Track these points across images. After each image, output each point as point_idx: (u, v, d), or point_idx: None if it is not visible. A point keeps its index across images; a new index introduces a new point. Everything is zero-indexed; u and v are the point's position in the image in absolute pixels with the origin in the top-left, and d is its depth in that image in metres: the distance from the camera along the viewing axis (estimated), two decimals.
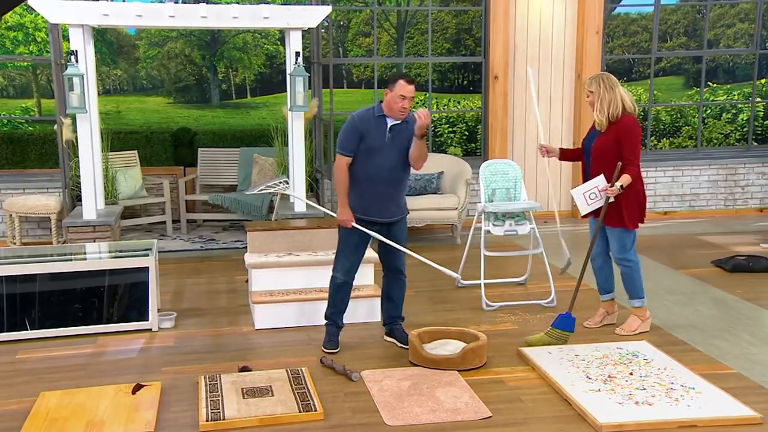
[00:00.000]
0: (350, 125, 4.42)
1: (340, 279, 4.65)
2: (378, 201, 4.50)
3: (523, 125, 8.70)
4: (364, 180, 4.46)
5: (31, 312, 4.93)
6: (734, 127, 11.74)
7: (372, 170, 4.43)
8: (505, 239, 7.06)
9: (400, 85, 4.31)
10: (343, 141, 4.42)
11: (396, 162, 4.46)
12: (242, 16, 6.76)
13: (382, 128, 4.41)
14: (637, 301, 4.93)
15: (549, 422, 3.70)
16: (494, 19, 8.36)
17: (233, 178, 8.57)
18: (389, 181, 4.48)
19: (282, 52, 13.20)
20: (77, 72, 6.52)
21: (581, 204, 4.79)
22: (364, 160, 4.43)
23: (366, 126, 4.39)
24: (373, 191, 4.48)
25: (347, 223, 4.48)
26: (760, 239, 7.64)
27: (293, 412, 3.75)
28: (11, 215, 7.40)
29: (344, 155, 4.42)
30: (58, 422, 3.68)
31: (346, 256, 4.62)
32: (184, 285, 6.24)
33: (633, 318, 4.95)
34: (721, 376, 4.21)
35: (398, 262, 4.71)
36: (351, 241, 4.58)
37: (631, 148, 4.63)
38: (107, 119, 12.24)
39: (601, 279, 5.08)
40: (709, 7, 9.46)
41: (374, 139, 4.39)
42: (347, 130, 4.42)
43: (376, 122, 4.41)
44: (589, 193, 4.76)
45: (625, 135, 4.63)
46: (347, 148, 4.41)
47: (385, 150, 4.42)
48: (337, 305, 4.71)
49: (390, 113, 4.40)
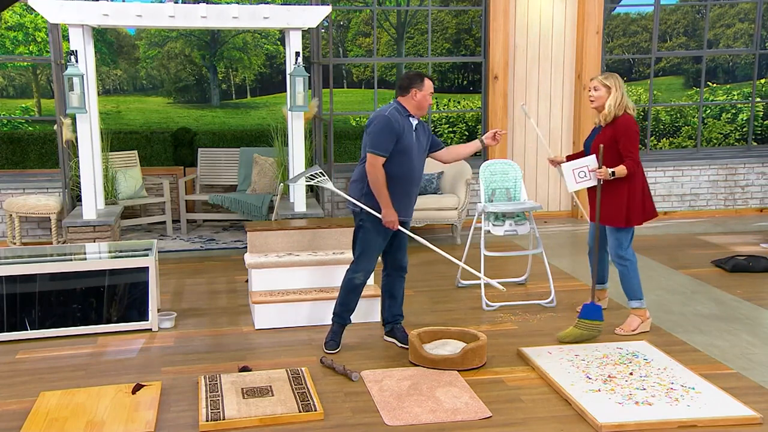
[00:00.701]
0: (387, 125, 4.37)
1: (361, 280, 4.63)
2: (406, 200, 4.57)
3: (523, 125, 8.70)
4: (397, 180, 4.46)
5: (31, 312, 4.93)
6: (734, 127, 11.75)
7: (404, 170, 4.46)
8: (505, 239, 7.07)
9: (428, 84, 4.45)
10: (382, 141, 4.35)
11: (421, 161, 4.57)
12: (242, 16, 6.76)
13: (409, 128, 4.47)
14: (635, 302, 4.93)
15: (549, 422, 3.70)
16: (494, 18, 8.36)
17: (233, 178, 8.57)
18: (416, 180, 4.57)
19: (282, 52, 13.20)
20: (77, 72, 6.53)
21: (569, 180, 4.83)
22: (398, 160, 4.42)
23: (400, 126, 4.41)
24: (404, 191, 4.52)
25: (395, 224, 4.44)
26: (760, 239, 7.65)
27: (293, 412, 3.75)
28: (11, 215, 7.40)
29: (381, 155, 4.38)
30: (58, 422, 3.68)
31: (371, 258, 4.60)
32: (184, 285, 6.24)
33: (632, 318, 4.95)
34: (721, 376, 4.21)
35: (405, 260, 4.76)
36: (378, 242, 4.56)
37: (629, 144, 4.71)
38: (107, 119, 12.25)
39: (598, 270, 5.12)
40: (709, 7, 9.46)
41: (407, 139, 4.44)
42: (385, 131, 4.36)
43: (404, 122, 4.45)
44: (579, 170, 4.81)
45: (623, 132, 4.72)
46: (385, 148, 4.36)
47: (414, 150, 4.49)
48: (350, 305, 4.72)
49: (419, 111, 4.49)
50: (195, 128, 12.11)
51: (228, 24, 6.89)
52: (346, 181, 8.26)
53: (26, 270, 4.95)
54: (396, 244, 4.67)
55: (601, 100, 4.79)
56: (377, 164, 4.37)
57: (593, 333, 4.74)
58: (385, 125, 4.36)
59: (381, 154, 4.35)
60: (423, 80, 4.42)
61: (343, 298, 4.69)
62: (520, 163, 8.50)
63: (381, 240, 4.55)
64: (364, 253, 4.58)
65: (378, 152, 4.35)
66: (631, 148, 4.70)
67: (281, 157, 7.96)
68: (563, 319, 5.22)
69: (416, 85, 4.41)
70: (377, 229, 4.49)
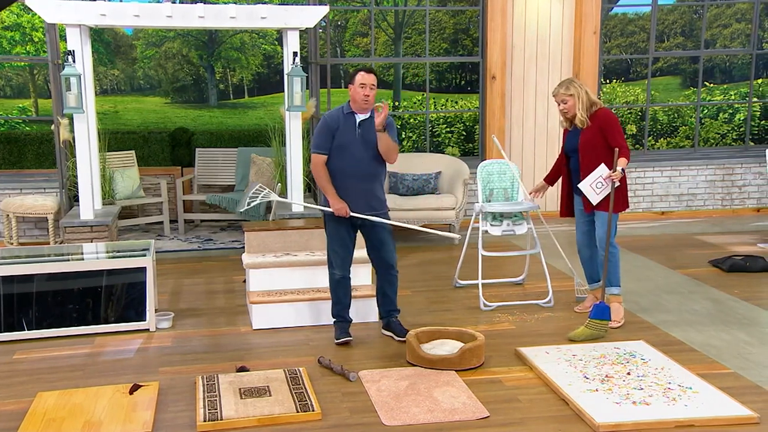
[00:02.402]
0: (321, 125, 4.65)
1: (338, 274, 4.77)
2: (358, 196, 4.67)
3: (521, 125, 8.71)
4: (341, 176, 4.64)
5: (28, 312, 4.92)
6: (731, 127, 11.76)
7: (347, 166, 4.62)
8: (502, 239, 7.07)
9: (359, 76, 4.54)
10: (317, 140, 4.64)
11: (368, 156, 4.64)
12: (240, 16, 6.76)
13: (351, 124, 4.61)
14: (615, 288, 5.09)
15: (546, 422, 3.70)
16: (492, 18, 8.37)
17: (231, 178, 8.57)
18: (365, 176, 4.67)
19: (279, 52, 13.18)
20: (74, 72, 6.52)
21: (590, 195, 4.98)
22: (338, 156, 4.62)
23: (336, 123, 4.61)
24: (352, 187, 4.65)
25: (344, 210, 4.61)
26: (757, 239, 7.66)
27: (291, 412, 3.75)
28: (8, 215, 7.39)
29: (319, 153, 4.63)
30: (55, 422, 3.68)
31: (336, 250, 4.75)
32: (181, 285, 6.23)
33: (616, 306, 5.07)
34: (718, 375, 4.21)
35: (389, 257, 4.82)
36: (339, 234, 4.72)
37: (617, 135, 4.90)
38: (105, 119, 12.24)
39: (591, 269, 5.29)
40: (706, 7, 9.47)
41: (345, 136, 4.60)
42: (320, 130, 4.64)
43: (345, 119, 4.62)
44: (595, 183, 4.94)
45: (607, 124, 4.92)
46: (321, 146, 4.63)
47: (357, 145, 4.61)
48: (341, 300, 4.83)
49: (355, 105, 4.61)
50: (192, 128, 12.10)
51: (225, 24, 6.89)
52: None
53: (23, 270, 4.95)
54: (373, 242, 4.78)
55: (572, 109, 5.00)
56: (317, 162, 4.65)
57: (601, 332, 4.81)
58: (320, 125, 4.65)
59: (319, 152, 4.62)
60: (355, 74, 4.57)
61: (332, 296, 4.85)
62: (517, 163, 8.50)
63: (343, 232, 4.71)
64: (330, 247, 4.78)
65: (316, 150, 4.64)
66: (620, 138, 4.90)
67: (279, 157, 7.95)
68: (561, 319, 5.22)
69: (351, 81, 4.59)
70: (336, 220, 4.69)
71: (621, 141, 4.88)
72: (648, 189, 8.90)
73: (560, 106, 5.05)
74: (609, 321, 4.85)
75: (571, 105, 4.98)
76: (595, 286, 5.29)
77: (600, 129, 4.91)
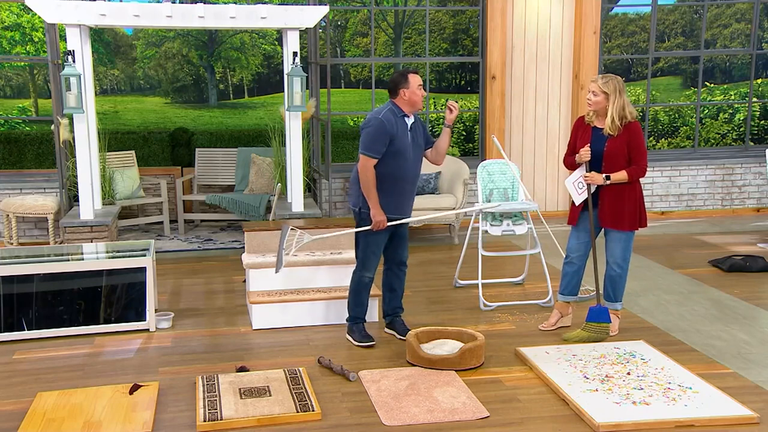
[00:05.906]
0: (380, 128, 4.44)
1: (369, 277, 4.77)
2: (404, 198, 4.65)
3: (521, 125, 8.71)
4: (393, 180, 4.55)
5: (28, 312, 4.92)
6: (731, 127, 11.76)
7: (400, 170, 4.55)
8: (502, 239, 7.07)
9: (415, 78, 4.50)
10: (374, 143, 4.44)
11: (417, 160, 4.64)
12: (240, 16, 6.76)
13: (404, 129, 4.54)
14: (619, 304, 4.94)
15: (546, 422, 3.70)
16: (492, 18, 8.37)
17: (231, 178, 8.57)
18: (413, 179, 4.65)
19: (279, 52, 13.19)
20: (74, 72, 6.52)
21: (573, 194, 4.85)
22: (392, 161, 4.51)
23: (394, 128, 4.48)
24: (401, 190, 4.60)
25: (383, 223, 4.54)
26: (757, 239, 7.66)
27: (291, 412, 3.75)
28: (8, 215, 7.39)
29: (373, 157, 4.46)
30: (55, 423, 3.68)
31: (375, 253, 4.71)
32: (181, 285, 6.23)
33: (613, 319, 4.93)
34: (718, 375, 4.21)
35: (405, 254, 4.86)
36: (379, 240, 4.67)
37: (640, 152, 4.68)
38: (104, 119, 12.24)
39: (573, 282, 5.01)
40: (706, 8, 9.47)
41: (401, 140, 4.51)
42: (377, 133, 4.44)
43: (399, 123, 4.52)
44: (576, 182, 4.82)
45: (635, 140, 4.68)
46: (377, 150, 4.45)
47: (409, 149, 4.55)
48: (364, 303, 4.84)
49: (414, 108, 4.55)
50: (192, 128, 12.10)
51: (225, 24, 6.89)
52: (344, 181, 8.27)
53: (23, 270, 4.95)
54: (396, 240, 4.78)
55: (599, 105, 4.67)
56: (368, 165, 4.47)
57: (601, 335, 4.75)
58: (378, 128, 4.45)
59: (373, 156, 4.46)
60: (407, 78, 4.49)
61: (356, 298, 4.81)
62: (517, 163, 8.51)
63: (382, 237, 4.67)
64: (368, 251, 4.70)
65: (370, 154, 4.45)
66: (640, 157, 4.68)
67: (279, 157, 7.95)
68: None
69: (402, 85, 4.49)
70: None
71: (639, 160, 4.68)
72: (648, 189, 8.89)
73: (589, 97, 4.71)
74: (609, 324, 4.77)
75: (600, 101, 4.65)
76: (570, 299, 5.04)
77: (627, 142, 4.69)
